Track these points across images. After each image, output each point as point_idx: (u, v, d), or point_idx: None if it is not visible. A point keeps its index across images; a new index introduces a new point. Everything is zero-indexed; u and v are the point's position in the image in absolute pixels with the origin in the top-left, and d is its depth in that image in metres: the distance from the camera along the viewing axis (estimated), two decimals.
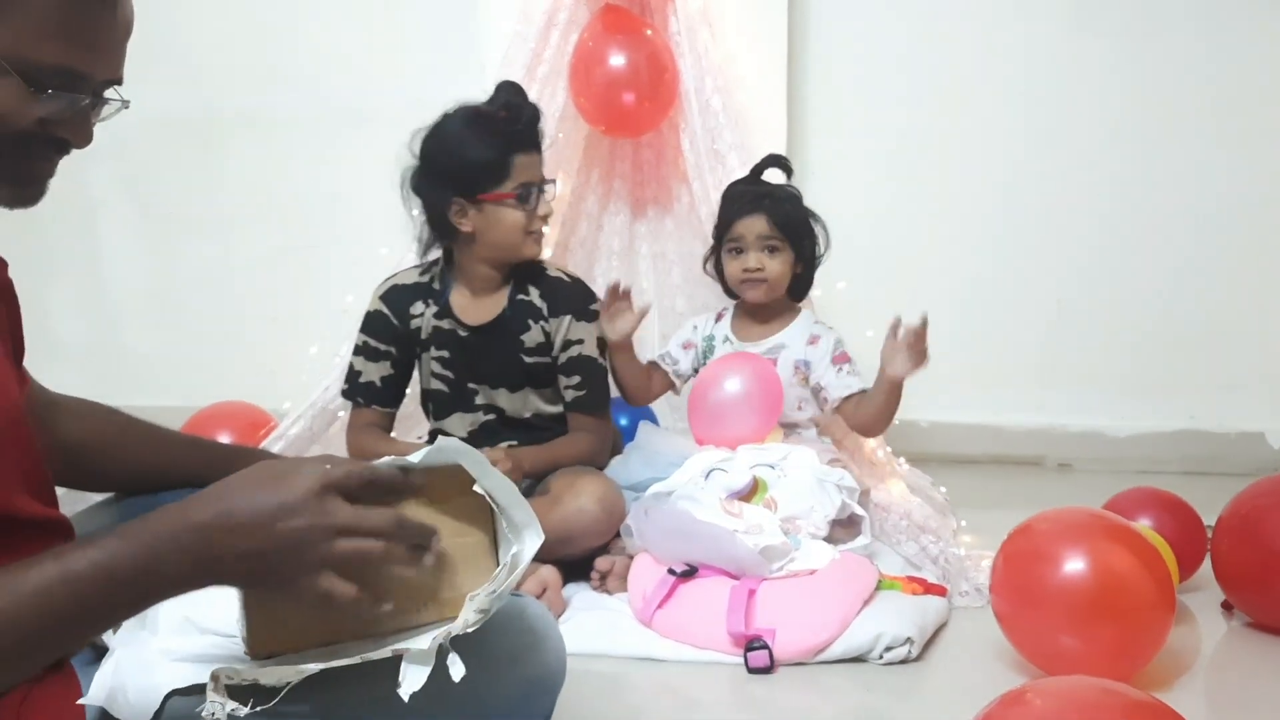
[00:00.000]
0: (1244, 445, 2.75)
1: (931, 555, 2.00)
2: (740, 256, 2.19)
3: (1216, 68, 2.68)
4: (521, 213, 2.05)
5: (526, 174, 2.05)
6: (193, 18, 3.07)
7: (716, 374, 2.16)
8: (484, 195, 2.03)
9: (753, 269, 2.18)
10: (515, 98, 2.06)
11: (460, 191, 2.03)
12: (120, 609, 0.83)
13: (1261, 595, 1.78)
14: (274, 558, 0.82)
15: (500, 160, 2.02)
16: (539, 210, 2.07)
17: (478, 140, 2.03)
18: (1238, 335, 2.77)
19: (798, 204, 2.22)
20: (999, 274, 2.86)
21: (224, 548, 0.81)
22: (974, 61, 2.78)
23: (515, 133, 2.04)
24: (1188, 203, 2.74)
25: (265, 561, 0.82)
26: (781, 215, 2.18)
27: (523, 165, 2.04)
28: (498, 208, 2.04)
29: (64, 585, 0.78)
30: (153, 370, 3.22)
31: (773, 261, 2.18)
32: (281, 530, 0.82)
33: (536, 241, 2.10)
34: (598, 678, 1.65)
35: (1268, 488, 1.82)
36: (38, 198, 0.96)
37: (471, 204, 2.04)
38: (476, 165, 2.02)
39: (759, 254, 2.17)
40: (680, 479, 2.00)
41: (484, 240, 2.08)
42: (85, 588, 0.79)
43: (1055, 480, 2.81)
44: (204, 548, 0.81)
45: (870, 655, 1.70)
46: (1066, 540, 1.54)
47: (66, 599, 0.79)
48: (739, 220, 2.19)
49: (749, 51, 2.57)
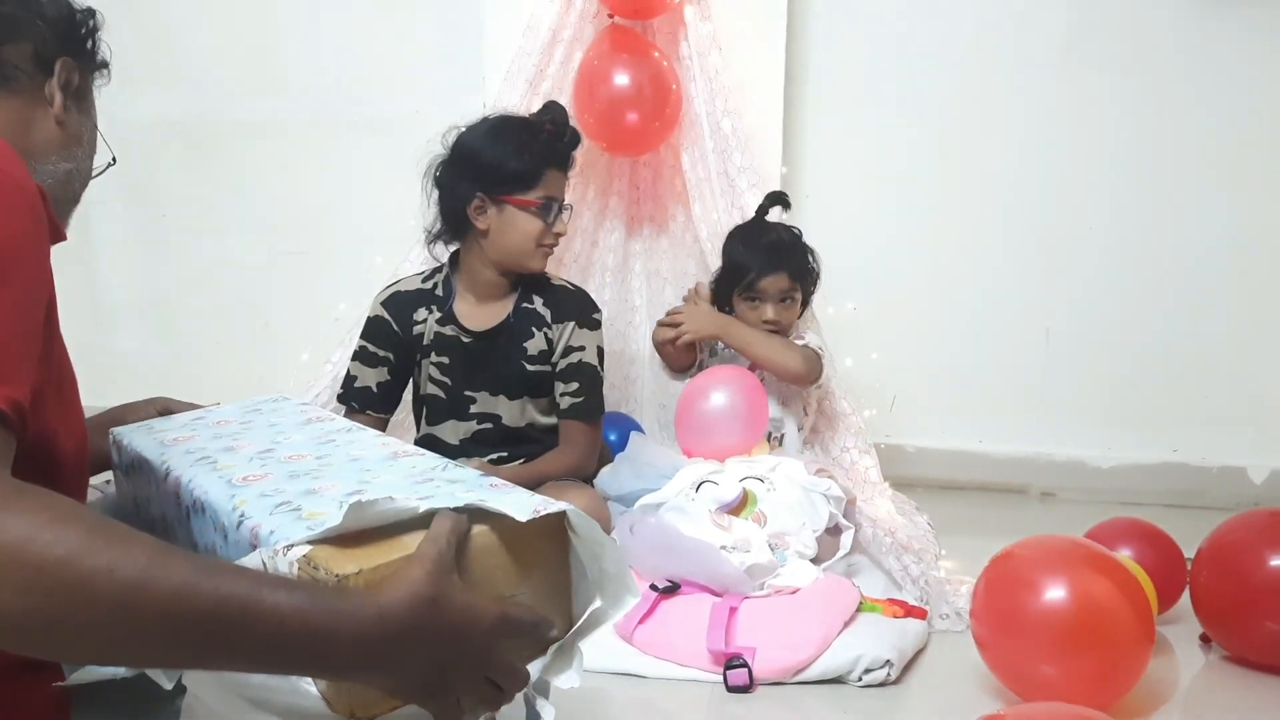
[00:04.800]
0: (1226, 480, 2.77)
1: (913, 575, 2.01)
2: (759, 308, 2.30)
3: (1211, 103, 2.71)
4: (540, 223, 2.10)
5: (553, 189, 2.12)
6: (191, 23, 3.09)
7: (703, 387, 2.20)
8: (508, 197, 2.08)
9: (771, 320, 2.29)
10: (561, 117, 2.15)
11: (486, 188, 2.08)
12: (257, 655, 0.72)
13: (1239, 629, 1.79)
14: (435, 684, 0.78)
15: (534, 169, 2.09)
16: (555, 227, 2.13)
17: (517, 144, 2.09)
18: (1223, 371, 2.79)
19: (804, 249, 2.34)
20: (989, 302, 2.88)
21: (399, 663, 0.75)
22: (972, 90, 2.80)
23: (555, 148, 2.12)
24: (1178, 238, 2.77)
25: (426, 690, 0.78)
26: (797, 269, 2.30)
27: (552, 180, 2.12)
28: (518, 212, 2.09)
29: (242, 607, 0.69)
30: (143, 374, 3.21)
31: (788, 313, 2.31)
32: (456, 662, 0.78)
33: (544, 256, 2.15)
34: (576, 692, 1.64)
35: (1247, 522, 1.83)
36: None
37: (493, 203, 2.09)
38: (510, 166, 2.08)
39: (777, 306, 2.29)
40: (670, 491, 2.01)
41: (495, 242, 2.12)
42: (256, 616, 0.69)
43: (1038, 509, 2.82)
44: (380, 656, 0.74)
45: (849, 677, 1.71)
46: (1048, 568, 1.55)
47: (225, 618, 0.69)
48: (763, 278, 2.29)
49: (748, 77, 2.59)
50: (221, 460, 1.01)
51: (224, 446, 1.06)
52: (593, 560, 0.92)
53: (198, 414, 1.23)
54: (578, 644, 0.93)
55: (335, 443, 1.06)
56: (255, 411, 1.21)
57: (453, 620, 0.77)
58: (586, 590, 0.93)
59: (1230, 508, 2.43)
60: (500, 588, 0.87)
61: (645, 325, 2.74)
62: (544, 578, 0.91)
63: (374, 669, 0.75)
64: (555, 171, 2.13)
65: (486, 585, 0.85)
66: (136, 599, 0.66)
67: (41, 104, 1.05)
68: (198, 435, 1.11)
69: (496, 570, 0.87)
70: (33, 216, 0.82)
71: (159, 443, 1.08)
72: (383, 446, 1.05)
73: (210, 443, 1.08)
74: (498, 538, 0.86)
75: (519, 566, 0.87)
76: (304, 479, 0.94)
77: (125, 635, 0.67)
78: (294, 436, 1.09)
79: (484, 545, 0.86)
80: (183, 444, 1.07)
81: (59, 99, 1.05)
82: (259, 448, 1.05)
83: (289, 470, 0.97)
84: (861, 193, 2.87)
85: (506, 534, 0.86)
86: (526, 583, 0.88)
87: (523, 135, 2.11)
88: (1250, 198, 2.74)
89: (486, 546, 0.86)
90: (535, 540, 0.88)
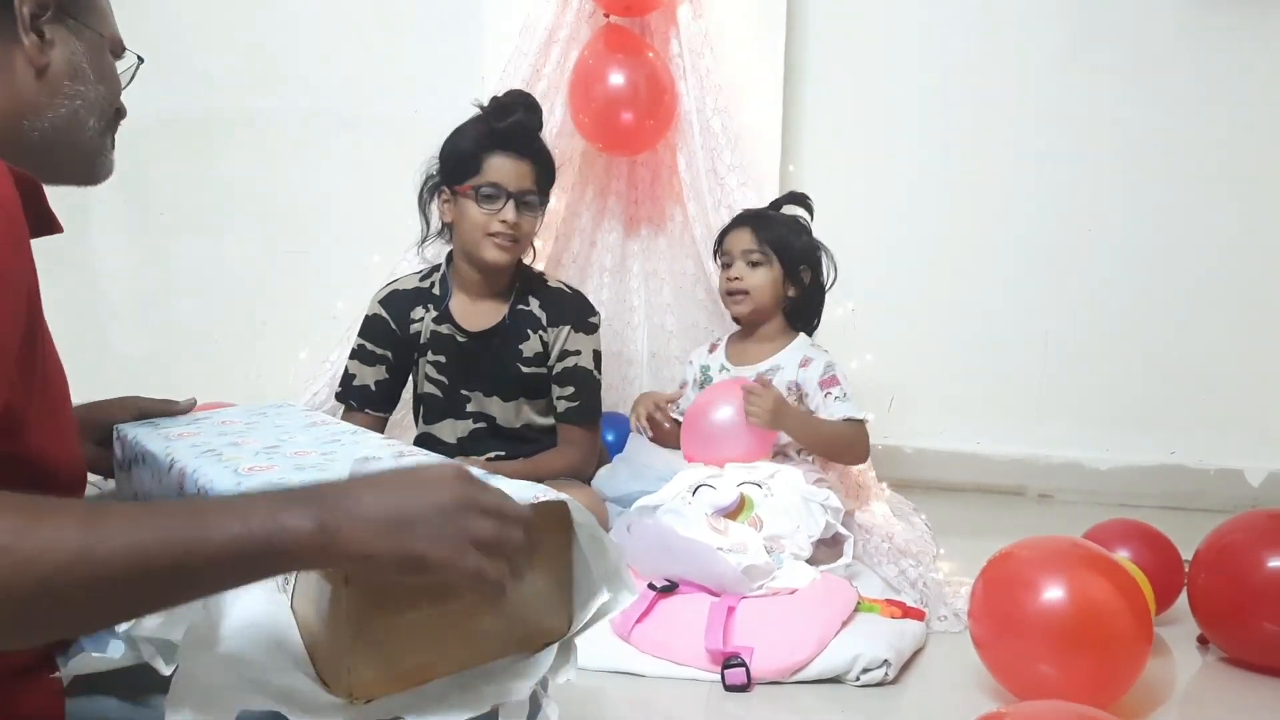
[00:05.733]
0: (1223, 482, 2.78)
1: (911, 579, 2.00)
2: (726, 270, 2.24)
3: (1212, 107, 2.72)
4: (480, 211, 2.06)
5: (498, 175, 2.06)
6: (190, 21, 3.08)
7: (714, 399, 2.16)
8: (459, 186, 2.08)
9: (733, 278, 2.22)
10: (509, 98, 2.10)
11: (446, 180, 2.10)
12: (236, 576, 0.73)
13: (1236, 630, 1.79)
14: (413, 523, 0.74)
15: (474, 153, 2.06)
16: (501, 215, 2.05)
17: (466, 131, 2.09)
18: (1221, 373, 2.79)
19: (797, 230, 2.25)
20: (988, 304, 2.88)
21: (361, 503, 0.73)
22: (973, 92, 2.81)
23: (495, 131, 2.06)
24: (1177, 241, 2.78)
25: (405, 524, 0.74)
26: (768, 231, 2.21)
27: (496, 166, 2.06)
28: (466, 201, 2.08)
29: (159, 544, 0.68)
30: (140, 372, 3.19)
31: (754, 274, 2.21)
32: (425, 503, 0.75)
33: (496, 248, 2.07)
34: (574, 691, 1.64)
35: (1244, 524, 1.83)
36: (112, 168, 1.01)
37: (452, 194, 2.10)
38: (454, 154, 2.09)
39: (741, 265, 2.21)
40: (668, 493, 2.00)
41: (457, 235, 2.13)
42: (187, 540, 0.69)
43: (1036, 510, 2.82)
44: (335, 502, 0.73)
45: (847, 677, 1.71)
46: (1046, 568, 1.55)
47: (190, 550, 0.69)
48: (727, 234, 2.25)
49: (747, 76, 2.60)
50: (227, 453, 1.01)
51: (229, 442, 1.06)
52: (596, 556, 0.91)
53: (202, 414, 1.22)
54: (575, 640, 0.93)
55: (340, 443, 1.07)
56: (260, 414, 1.21)
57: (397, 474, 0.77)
58: (588, 587, 0.93)
59: (1227, 509, 2.43)
60: None
61: (643, 326, 2.74)
62: (546, 573, 0.91)
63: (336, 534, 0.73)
64: (500, 157, 2.05)
65: None
66: (81, 571, 0.65)
67: (14, 52, 0.92)
68: (203, 432, 1.11)
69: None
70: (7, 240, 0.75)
71: (164, 437, 1.08)
72: (388, 447, 1.05)
73: (216, 438, 1.08)
74: None
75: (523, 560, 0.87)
76: (310, 471, 0.94)
77: (81, 607, 0.66)
78: (299, 437, 1.10)
79: None
80: (188, 439, 1.07)
81: (28, 40, 0.92)
82: (265, 444, 1.05)
83: (295, 463, 0.97)
84: (861, 193, 2.87)
85: None
86: (529, 578, 0.88)
87: (473, 122, 2.10)
88: (1248, 203, 2.74)
89: None
90: (539, 537, 0.88)
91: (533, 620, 0.92)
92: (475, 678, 0.89)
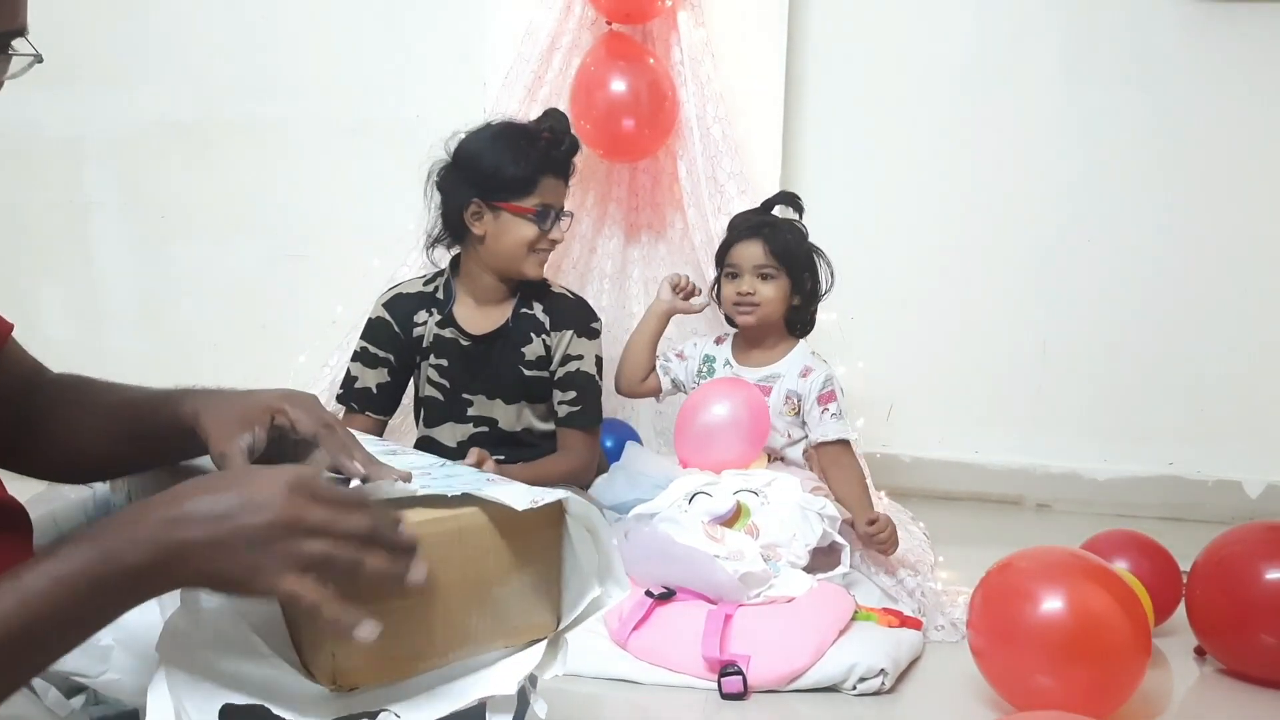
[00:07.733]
0: (1221, 493, 2.77)
1: (908, 588, 2.00)
2: (735, 281, 2.22)
3: (1208, 117, 2.72)
4: (534, 229, 2.11)
5: (549, 196, 2.13)
6: (191, 24, 3.09)
7: (706, 398, 2.17)
8: (504, 203, 2.09)
9: (745, 293, 2.20)
10: (561, 125, 2.17)
11: (482, 194, 2.10)
12: (79, 623, 0.75)
13: (1234, 642, 1.79)
14: (236, 554, 0.75)
15: (530, 176, 2.10)
16: (552, 234, 2.14)
17: (514, 151, 2.11)
18: (1219, 384, 2.79)
19: (800, 237, 2.25)
20: (986, 313, 2.88)
21: (183, 543, 0.74)
22: (969, 101, 2.81)
23: (551, 156, 2.13)
24: (1177, 254, 2.77)
25: (228, 557, 0.75)
26: (779, 244, 2.20)
27: (548, 187, 2.12)
28: (513, 218, 2.10)
29: (19, 606, 0.70)
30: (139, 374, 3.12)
31: (765, 288, 2.20)
32: (245, 524, 0.75)
33: (539, 263, 2.16)
34: (570, 697, 1.65)
35: (1242, 535, 1.83)
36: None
37: (489, 208, 2.11)
38: (506, 172, 2.10)
39: (752, 279, 2.20)
40: (664, 501, 2.00)
41: (491, 247, 2.13)
42: (39, 603, 0.71)
43: (1033, 520, 2.82)
44: (163, 541, 0.74)
45: (843, 685, 1.71)
46: (1045, 579, 1.55)
47: (20, 619, 0.70)
48: (736, 246, 2.23)
49: (747, 83, 2.60)
50: None
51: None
52: (588, 551, 0.92)
53: None
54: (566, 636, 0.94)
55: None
56: None
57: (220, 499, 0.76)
58: (579, 583, 0.94)
59: (1226, 521, 2.43)
60: (489, 573, 0.88)
61: None
62: (535, 572, 0.92)
63: (167, 570, 0.75)
64: (552, 179, 2.14)
65: (474, 568, 0.86)
66: None
67: None
68: None
69: (488, 555, 0.88)
70: None
71: None
72: (381, 445, 1.05)
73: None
74: (489, 520, 0.87)
75: (512, 556, 0.88)
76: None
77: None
78: None
79: (476, 526, 0.87)
80: None
81: None
82: None
83: None
84: (860, 201, 2.87)
85: (501, 521, 0.88)
86: (517, 573, 0.89)
87: (520, 142, 2.12)
88: (1249, 215, 2.74)
89: (478, 528, 0.87)
90: (530, 533, 0.89)
91: (522, 615, 0.92)
92: (462, 670, 0.89)
